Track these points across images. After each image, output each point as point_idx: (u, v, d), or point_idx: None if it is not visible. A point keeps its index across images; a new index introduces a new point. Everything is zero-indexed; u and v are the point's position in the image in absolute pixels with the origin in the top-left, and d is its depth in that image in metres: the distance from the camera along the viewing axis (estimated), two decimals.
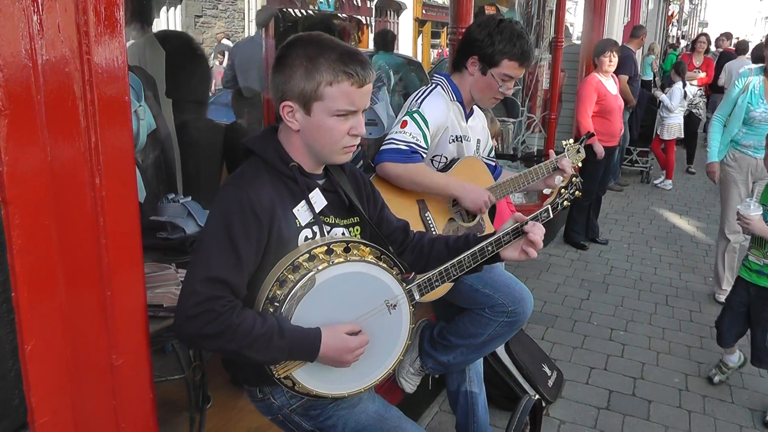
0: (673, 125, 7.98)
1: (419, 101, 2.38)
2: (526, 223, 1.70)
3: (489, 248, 1.69)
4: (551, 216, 1.84)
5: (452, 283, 2.20)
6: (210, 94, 3.97)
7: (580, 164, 2.64)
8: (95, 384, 1.24)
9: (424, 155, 2.31)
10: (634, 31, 7.32)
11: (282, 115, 1.48)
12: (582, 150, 2.62)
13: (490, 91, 2.45)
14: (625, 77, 6.26)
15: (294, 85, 1.44)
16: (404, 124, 2.30)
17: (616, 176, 8.05)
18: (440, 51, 23.62)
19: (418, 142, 2.27)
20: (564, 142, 2.58)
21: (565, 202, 1.95)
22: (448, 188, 2.37)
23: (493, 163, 2.73)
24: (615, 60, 5.37)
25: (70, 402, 1.19)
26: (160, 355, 2.66)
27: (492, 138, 3.86)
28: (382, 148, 2.29)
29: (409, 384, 2.67)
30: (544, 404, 3.07)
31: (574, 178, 1.98)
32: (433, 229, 2.39)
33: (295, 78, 1.43)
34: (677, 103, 7.92)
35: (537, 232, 1.68)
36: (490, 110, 3.94)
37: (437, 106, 2.39)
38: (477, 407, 2.62)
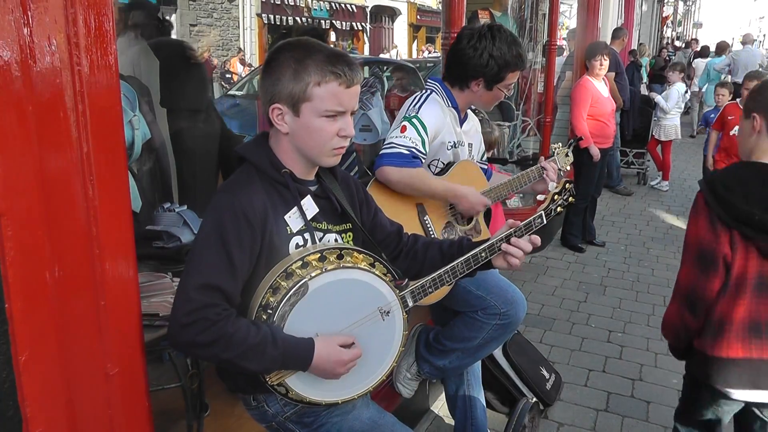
0: (669, 126, 7.98)
1: (417, 106, 2.39)
2: (519, 229, 1.71)
3: (483, 254, 1.71)
4: (544, 222, 1.85)
5: (449, 287, 2.21)
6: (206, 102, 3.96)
7: (569, 167, 2.65)
8: (90, 394, 1.24)
9: (423, 161, 2.32)
10: (614, 32, 7.40)
11: (271, 117, 1.49)
12: (570, 154, 2.64)
13: (496, 99, 2.55)
14: (612, 74, 6.32)
15: (283, 87, 1.46)
16: (404, 128, 2.31)
17: (619, 181, 8.07)
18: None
19: (417, 147, 2.29)
20: (553, 146, 2.61)
21: (559, 208, 1.96)
22: (446, 193, 2.39)
23: (486, 167, 2.75)
24: (606, 63, 5.43)
25: (64, 412, 1.19)
26: (157, 363, 2.65)
27: (492, 146, 3.89)
28: (382, 152, 2.30)
29: (407, 389, 2.67)
30: (542, 407, 3.08)
31: (567, 184, 1.99)
32: (431, 232, 2.40)
33: (284, 80, 1.45)
34: (673, 104, 7.91)
35: (515, 251, 1.69)
36: (489, 121, 3.96)
37: (434, 112, 2.40)
38: (475, 411, 2.62)
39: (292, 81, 1.45)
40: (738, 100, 5.77)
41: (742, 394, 1.93)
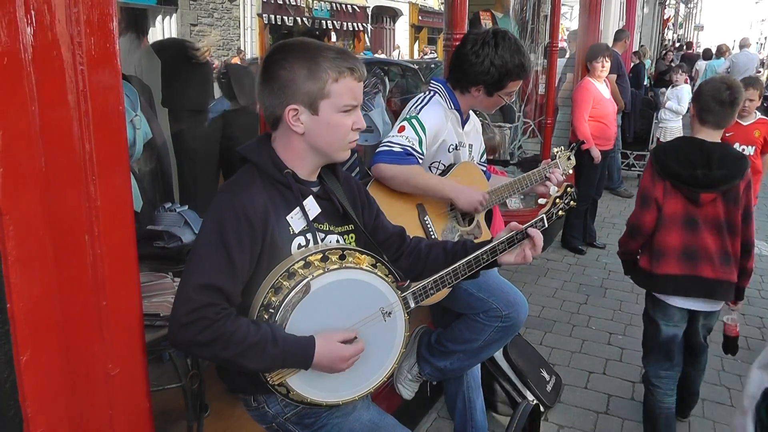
0: (675, 129, 7.91)
1: (418, 108, 2.41)
2: (524, 231, 1.72)
3: (484, 257, 1.71)
4: (546, 225, 1.86)
5: (450, 289, 2.21)
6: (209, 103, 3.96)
7: (571, 171, 2.66)
8: (91, 394, 1.24)
9: (421, 160, 2.32)
10: (617, 34, 7.39)
11: (287, 119, 1.49)
12: (572, 157, 2.64)
13: (496, 105, 2.57)
14: (614, 76, 6.33)
15: (298, 88, 1.46)
16: (402, 128, 2.33)
17: (620, 183, 8.06)
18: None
19: (413, 146, 2.29)
20: (555, 150, 2.61)
21: (560, 212, 1.97)
22: (443, 190, 2.37)
23: (485, 168, 2.75)
24: (607, 65, 5.43)
25: (65, 412, 1.19)
26: (157, 363, 2.65)
27: (494, 151, 3.89)
28: (377, 150, 2.31)
29: (407, 390, 2.66)
30: (542, 409, 3.07)
31: (568, 188, 2.00)
32: (432, 233, 2.40)
33: (299, 80, 1.46)
34: (686, 104, 7.85)
35: (538, 236, 1.73)
36: (490, 125, 3.96)
37: (435, 114, 2.41)
38: (475, 412, 2.62)
39: (309, 80, 1.46)
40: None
41: (678, 302, 2.66)
